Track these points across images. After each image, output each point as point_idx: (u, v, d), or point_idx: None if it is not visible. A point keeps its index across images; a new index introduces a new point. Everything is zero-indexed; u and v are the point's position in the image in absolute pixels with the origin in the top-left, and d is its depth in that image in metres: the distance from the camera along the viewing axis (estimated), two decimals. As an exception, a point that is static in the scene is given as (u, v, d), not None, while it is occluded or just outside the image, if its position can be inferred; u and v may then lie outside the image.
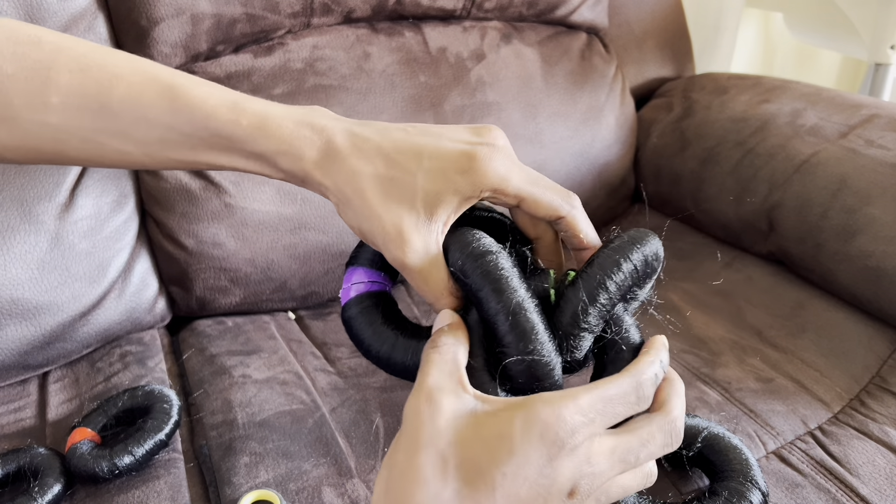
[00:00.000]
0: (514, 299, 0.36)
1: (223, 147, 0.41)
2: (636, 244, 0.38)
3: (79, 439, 0.53)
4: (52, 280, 0.64)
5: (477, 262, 0.37)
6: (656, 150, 0.96)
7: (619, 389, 0.34)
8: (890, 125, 0.76)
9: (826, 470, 0.54)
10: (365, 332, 0.42)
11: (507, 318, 0.36)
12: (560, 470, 0.31)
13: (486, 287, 0.36)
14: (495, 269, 0.36)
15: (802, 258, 0.77)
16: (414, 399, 0.34)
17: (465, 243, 0.38)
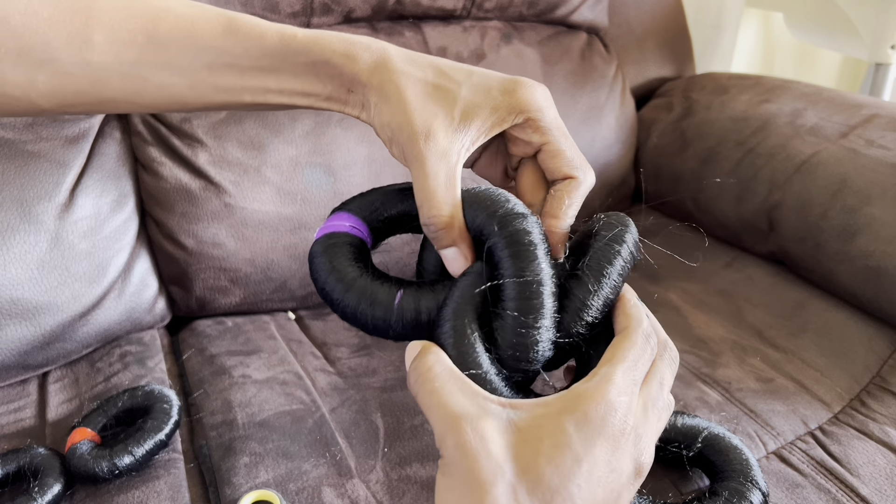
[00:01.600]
0: (537, 273, 0.34)
1: (274, 66, 0.40)
2: (625, 228, 0.37)
3: (79, 439, 0.53)
4: (51, 280, 0.64)
5: (505, 223, 0.35)
6: (656, 150, 0.96)
7: (637, 348, 0.33)
8: (890, 125, 0.76)
9: (826, 470, 0.54)
10: (323, 268, 0.38)
11: (523, 290, 0.34)
12: (625, 457, 0.30)
13: (510, 251, 0.35)
14: (524, 234, 0.35)
15: (802, 258, 0.77)
16: (453, 434, 0.31)
17: (493, 201, 0.36)
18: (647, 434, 0.32)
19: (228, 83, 0.41)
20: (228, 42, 0.40)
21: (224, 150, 0.71)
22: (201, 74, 0.41)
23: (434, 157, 0.37)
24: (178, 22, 0.40)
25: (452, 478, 0.30)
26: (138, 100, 0.41)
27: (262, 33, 0.40)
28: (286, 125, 0.73)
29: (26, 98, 0.40)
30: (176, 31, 0.40)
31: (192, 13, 0.41)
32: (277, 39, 0.40)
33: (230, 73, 0.41)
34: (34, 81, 0.39)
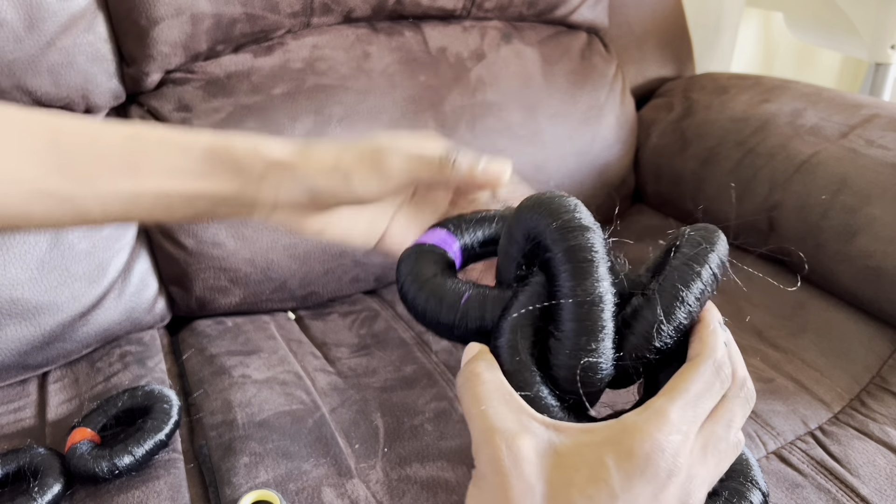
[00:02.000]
0: (595, 293, 0.32)
1: (176, 166, 0.40)
2: (711, 246, 0.33)
3: (79, 439, 0.53)
4: (51, 280, 0.64)
5: (562, 236, 0.32)
6: (656, 150, 0.96)
7: (702, 382, 0.30)
8: (890, 125, 0.76)
9: (826, 470, 0.54)
10: (403, 270, 0.37)
11: (579, 311, 0.32)
12: (669, 499, 0.28)
13: (565, 267, 0.32)
14: (581, 249, 0.32)
15: (803, 258, 0.77)
16: (488, 448, 0.30)
17: (553, 209, 0.33)
18: (699, 476, 0.30)
19: (129, 188, 0.40)
20: (131, 145, 0.40)
21: (224, 150, 0.71)
22: (100, 183, 0.39)
23: None
24: (82, 130, 0.40)
25: (482, 491, 0.30)
26: (37, 214, 0.40)
27: (165, 137, 0.40)
28: (286, 125, 0.73)
29: None
30: (79, 138, 0.39)
31: (95, 124, 0.41)
32: (181, 141, 0.40)
33: (131, 177, 0.40)
34: None
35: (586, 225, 0.33)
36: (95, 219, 0.41)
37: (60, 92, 0.67)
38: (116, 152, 0.40)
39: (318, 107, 0.75)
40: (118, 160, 0.40)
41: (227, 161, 0.40)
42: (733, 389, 0.32)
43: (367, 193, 0.40)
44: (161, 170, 0.40)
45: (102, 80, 0.70)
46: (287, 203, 0.40)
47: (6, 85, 0.64)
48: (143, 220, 0.42)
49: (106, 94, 0.71)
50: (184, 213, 0.41)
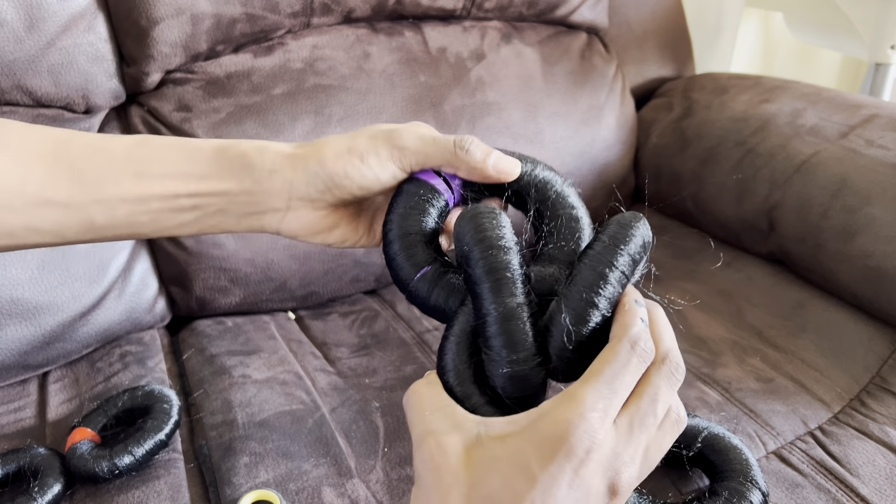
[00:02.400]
0: (504, 308, 0.33)
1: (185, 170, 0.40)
2: (619, 245, 0.34)
3: (79, 439, 0.53)
4: (51, 280, 0.64)
5: (473, 255, 0.35)
6: (656, 150, 0.96)
7: (618, 363, 0.31)
8: (890, 125, 0.76)
9: (826, 470, 0.54)
10: (396, 206, 0.40)
11: (494, 327, 0.34)
12: (590, 477, 0.29)
13: (476, 288, 0.34)
14: (490, 269, 0.34)
15: (802, 258, 0.77)
16: (423, 448, 0.32)
17: (479, 227, 0.35)
18: (625, 453, 0.30)
19: (136, 193, 0.39)
20: (138, 151, 0.40)
21: (224, 150, 0.71)
22: (107, 189, 0.39)
23: None
24: (87, 140, 0.39)
25: (420, 489, 0.32)
26: (43, 226, 0.39)
27: (172, 142, 0.40)
28: (286, 125, 0.73)
29: None
30: (85, 148, 0.39)
31: (101, 135, 0.41)
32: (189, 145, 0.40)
33: (138, 183, 0.39)
34: None
35: (496, 244, 0.34)
36: (102, 227, 0.40)
37: (60, 92, 0.67)
38: (123, 158, 0.39)
39: (318, 107, 0.75)
40: (125, 165, 0.39)
41: (235, 158, 0.40)
42: (655, 364, 0.33)
43: (384, 174, 0.40)
44: (169, 173, 0.40)
45: (102, 80, 0.70)
46: (302, 196, 0.40)
47: (6, 85, 0.64)
48: (150, 229, 0.41)
49: (106, 94, 0.71)
50: (192, 218, 0.41)
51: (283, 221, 0.41)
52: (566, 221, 0.39)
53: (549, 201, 0.40)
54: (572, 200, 0.40)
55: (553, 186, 0.40)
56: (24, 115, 0.67)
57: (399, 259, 0.39)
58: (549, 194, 0.40)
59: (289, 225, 0.41)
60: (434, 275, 0.38)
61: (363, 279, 0.79)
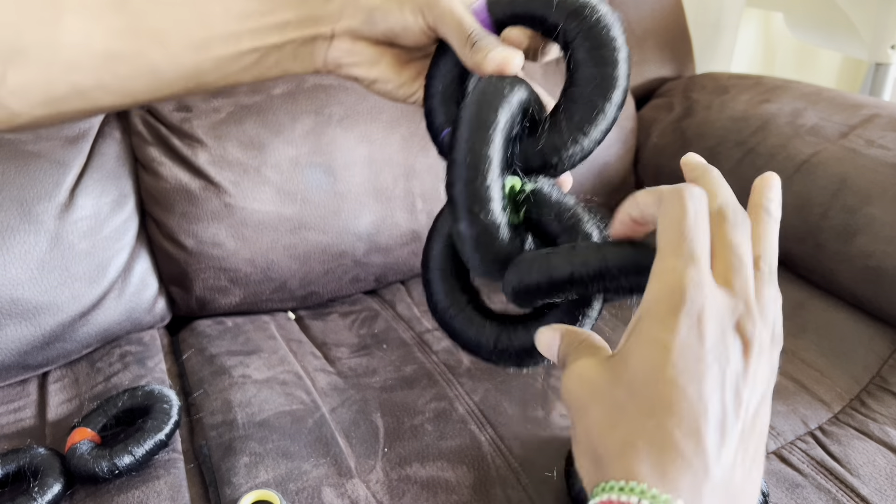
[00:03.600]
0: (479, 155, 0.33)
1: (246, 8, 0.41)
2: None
3: (79, 439, 0.53)
4: (51, 280, 0.64)
5: (477, 106, 0.34)
6: (657, 150, 0.96)
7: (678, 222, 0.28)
8: (890, 125, 0.76)
9: (826, 470, 0.54)
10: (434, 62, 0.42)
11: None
12: (712, 330, 0.27)
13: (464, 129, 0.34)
14: (487, 121, 0.34)
15: (802, 258, 0.77)
16: (569, 375, 0.30)
17: (484, 91, 0.35)
18: (741, 303, 0.28)
19: (200, 36, 0.40)
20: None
21: (224, 150, 0.71)
22: (171, 35, 0.40)
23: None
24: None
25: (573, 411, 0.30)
26: (112, 83, 0.40)
27: None
28: (286, 125, 0.73)
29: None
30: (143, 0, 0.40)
31: None
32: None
33: (201, 25, 0.40)
34: (3, 77, 0.38)
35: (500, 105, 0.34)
36: (168, 80, 0.41)
37: (60, 92, 0.67)
38: (184, 2, 0.40)
39: (318, 107, 0.75)
40: (186, 12, 0.40)
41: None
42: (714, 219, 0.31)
43: (414, 26, 0.41)
44: (230, 14, 0.41)
45: (102, 80, 0.70)
46: (345, 27, 0.42)
47: (6, 85, 0.64)
48: (214, 77, 0.42)
49: (106, 94, 0.71)
50: (253, 60, 0.42)
51: (329, 50, 0.43)
52: (596, 63, 0.36)
53: (580, 34, 0.36)
54: (607, 33, 0.36)
55: (585, 13, 0.36)
56: (24, 115, 0.67)
57: (433, 116, 0.41)
58: (581, 23, 0.36)
59: (333, 53, 0.43)
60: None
61: (363, 279, 0.79)
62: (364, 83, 0.45)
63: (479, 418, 0.59)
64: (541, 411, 0.59)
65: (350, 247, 0.76)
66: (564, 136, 0.36)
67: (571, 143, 0.36)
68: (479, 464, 0.54)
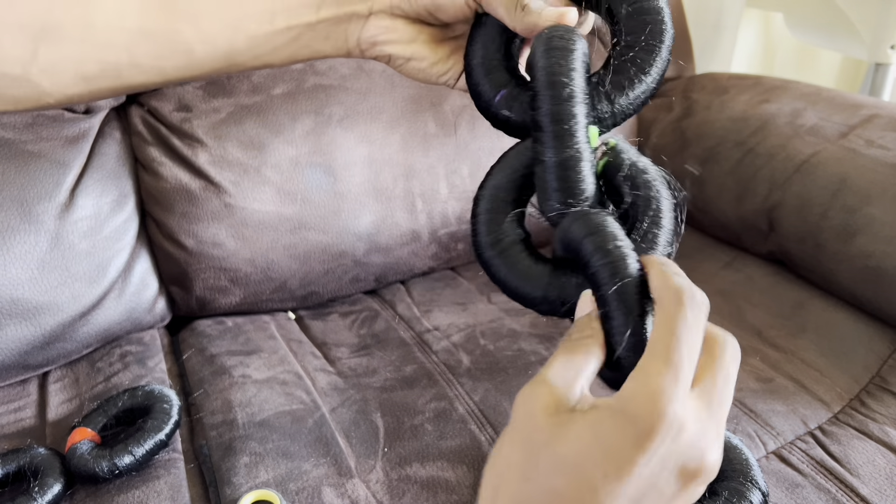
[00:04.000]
0: (567, 153, 0.34)
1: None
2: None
3: (79, 439, 0.53)
4: (51, 280, 0.64)
5: (551, 100, 0.35)
6: (656, 150, 0.96)
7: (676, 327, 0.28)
8: (890, 125, 0.76)
9: (826, 470, 0.54)
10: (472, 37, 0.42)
11: (554, 169, 0.34)
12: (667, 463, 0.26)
13: (548, 131, 0.35)
14: (563, 114, 0.34)
15: (802, 258, 0.77)
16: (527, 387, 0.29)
17: (550, 67, 0.35)
18: (709, 430, 0.27)
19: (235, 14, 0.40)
20: None
21: (224, 150, 0.71)
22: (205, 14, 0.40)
23: None
24: None
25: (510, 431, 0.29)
26: (144, 61, 0.40)
27: None
28: (286, 125, 0.73)
29: (25, 76, 0.38)
30: None
31: None
32: None
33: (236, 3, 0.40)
34: (35, 54, 0.38)
35: (569, 93, 0.35)
36: (201, 59, 0.40)
37: (61, 92, 0.67)
38: None
39: (318, 107, 0.75)
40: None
41: None
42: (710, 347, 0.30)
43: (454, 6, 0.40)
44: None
45: (103, 81, 0.70)
46: (385, 7, 0.41)
47: (6, 85, 0.64)
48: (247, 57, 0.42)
49: (106, 95, 0.71)
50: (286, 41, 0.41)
51: (364, 28, 0.42)
52: (640, 13, 0.38)
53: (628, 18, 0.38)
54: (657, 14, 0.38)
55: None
56: (24, 115, 0.67)
57: (481, 84, 0.40)
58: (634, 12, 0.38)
59: (369, 31, 0.42)
60: (512, 94, 0.39)
61: (363, 279, 0.80)
62: (397, 62, 0.44)
63: (479, 418, 0.59)
64: (541, 411, 0.59)
65: (350, 247, 0.76)
66: (631, 76, 0.37)
67: (638, 82, 0.37)
68: (479, 464, 0.54)
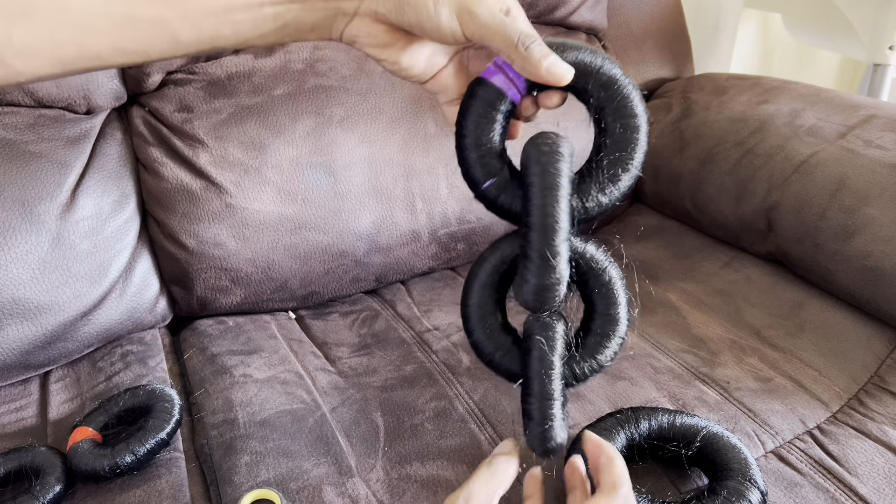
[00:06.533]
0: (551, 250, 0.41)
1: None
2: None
3: (80, 438, 0.53)
4: (53, 280, 0.64)
5: (542, 202, 0.41)
6: (655, 151, 0.97)
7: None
8: (888, 125, 0.76)
9: (825, 469, 0.54)
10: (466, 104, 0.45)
11: (536, 262, 0.41)
12: None
13: (537, 230, 0.41)
14: (552, 215, 0.41)
15: (801, 258, 0.77)
16: (451, 496, 0.40)
17: (542, 171, 0.42)
18: None
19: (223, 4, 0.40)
20: None
21: (225, 151, 0.71)
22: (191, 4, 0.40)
23: None
24: None
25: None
26: (129, 46, 0.40)
27: None
28: (287, 126, 0.73)
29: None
30: None
31: None
32: None
33: None
34: (9, 37, 0.37)
35: (558, 195, 0.42)
36: (186, 43, 0.41)
37: (62, 93, 0.68)
38: None
39: (318, 107, 0.75)
40: None
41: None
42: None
43: (445, 28, 0.41)
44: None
45: (104, 81, 0.70)
46: (371, 8, 0.42)
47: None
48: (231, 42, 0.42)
49: (107, 95, 0.71)
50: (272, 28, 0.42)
51: (348, 27, 0.43)
52: (623, 129, 0.45)
53: (610, 104, 0.45)
54: (633, 105, 0.45)
55: (615, 87, 0.45)
56: (26, 116, 0.67)
57: (474, 169, 0.44)
58: (612, 95, 0.45)
59: (351, 31, 0.43)
60: (502, 183, 0.44)
61: (363, 279, 0.80)
62: (374, 59, 0.45)
63: (479, 417, 0.59)
64: (540, 410, 0.59)
65: (350, 247, 0.76)
66: (602, 186, 0.45)
67: (609, 192, 0.44)
68: (479, 463, 0.54)
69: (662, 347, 0.68)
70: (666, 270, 0.83)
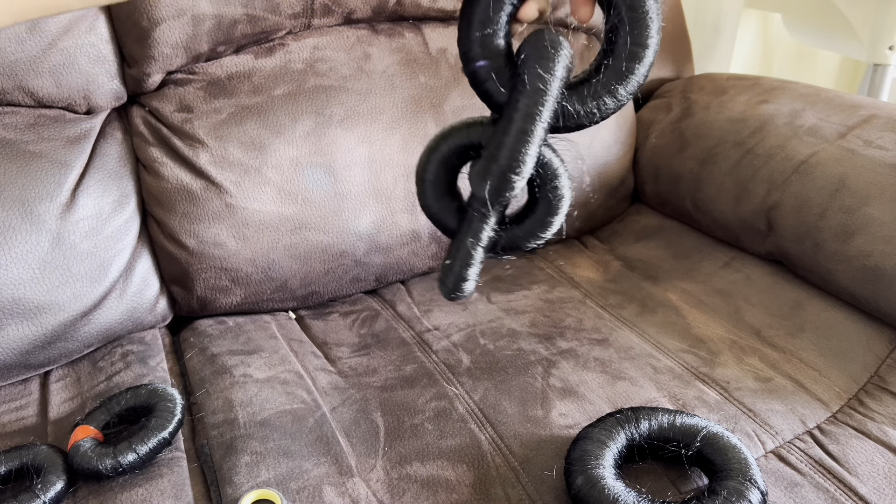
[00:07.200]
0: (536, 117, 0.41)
1: None
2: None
3: (81, 437, 0.53)
4: (53, 280, 0.64)
5: (535, 64, 0.41)
6: (655, 151, 0.97)
7: None
8: (888, 125, 0.76)
9: (825, 469, 0.54)
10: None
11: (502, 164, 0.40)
12: None
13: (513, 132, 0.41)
14: (534, 121, 0.41)
15: (801, 258, 0.77)
16: None
17: (540, 41, 0.43)
18: None
19: None
20: None
21: (225, 151, 0.71)
22: None
23: None
24: None
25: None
26: None
27: None
28: (287, 126, 0.73)
29: None
30: None
31: None
32: None
33: None
34: None
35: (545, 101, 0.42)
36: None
37: (62, 93, 0.68)
38: None
39: (318, 107, 0.75)
40: None
41: None
42: None
43: None
44: None
45: (104, 81, 0.70)
46: None
47: (8, 86, 0.65)
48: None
49: (107, 95, 0.71)
50: None
51: None
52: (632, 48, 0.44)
53: (625, 27, 0.44)
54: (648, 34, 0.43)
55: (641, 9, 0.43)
56: (26, 116, 0.67)
57: (473, 48, 0.44)
58: (634, 17, 0.43)
59: None
60: (494, 67, 0.44)
61: (363, 279, 0.80)
62: None
63: (479, 417, 0.59)
64: (540, 410, 0.59)
65: (350, 247, 0.76)
66: (618, 74, 0.44)
67: (626, 80, 0.44)
68: (479, 463, 0.54)
69: (662, 347, 0.68)
70: (666, 270, 0.83)
